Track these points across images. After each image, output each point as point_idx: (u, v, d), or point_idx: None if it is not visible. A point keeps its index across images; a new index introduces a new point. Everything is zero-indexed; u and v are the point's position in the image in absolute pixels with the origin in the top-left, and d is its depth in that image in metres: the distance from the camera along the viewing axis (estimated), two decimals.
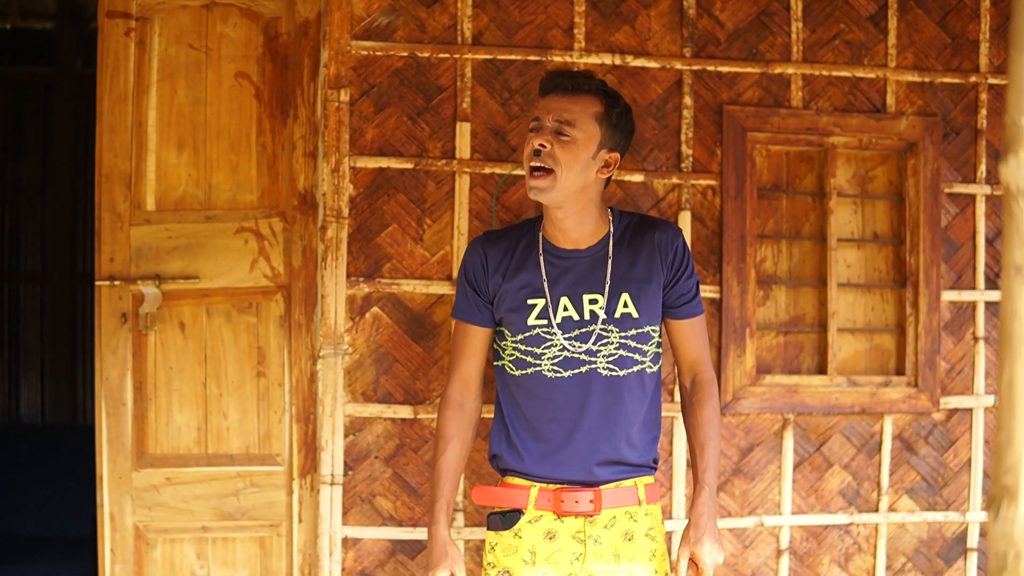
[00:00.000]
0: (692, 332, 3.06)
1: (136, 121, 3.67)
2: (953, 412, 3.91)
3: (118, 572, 3.67)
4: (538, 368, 2.94)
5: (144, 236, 3.67)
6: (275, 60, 3.70)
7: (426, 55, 3.59)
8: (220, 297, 3.69)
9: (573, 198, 2.91)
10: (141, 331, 3.66)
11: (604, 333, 2.93)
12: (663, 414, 3.67)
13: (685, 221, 3.71)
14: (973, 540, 3.92)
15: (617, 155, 2.95)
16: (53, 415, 7.93)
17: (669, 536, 3.69)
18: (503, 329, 3.02)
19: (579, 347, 2.92)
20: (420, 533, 3.56)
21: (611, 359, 2.93)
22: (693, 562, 2.93)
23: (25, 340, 8.02)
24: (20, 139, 7.88)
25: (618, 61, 3.69)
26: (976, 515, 3.92)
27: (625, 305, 2.94)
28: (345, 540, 3.55)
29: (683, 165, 3.73)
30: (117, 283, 3.65)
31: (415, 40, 3.59)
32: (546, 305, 2.94)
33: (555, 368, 2.93)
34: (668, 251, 2.98)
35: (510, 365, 3.00)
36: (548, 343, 2.93)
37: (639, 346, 2.95)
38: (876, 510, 3.85)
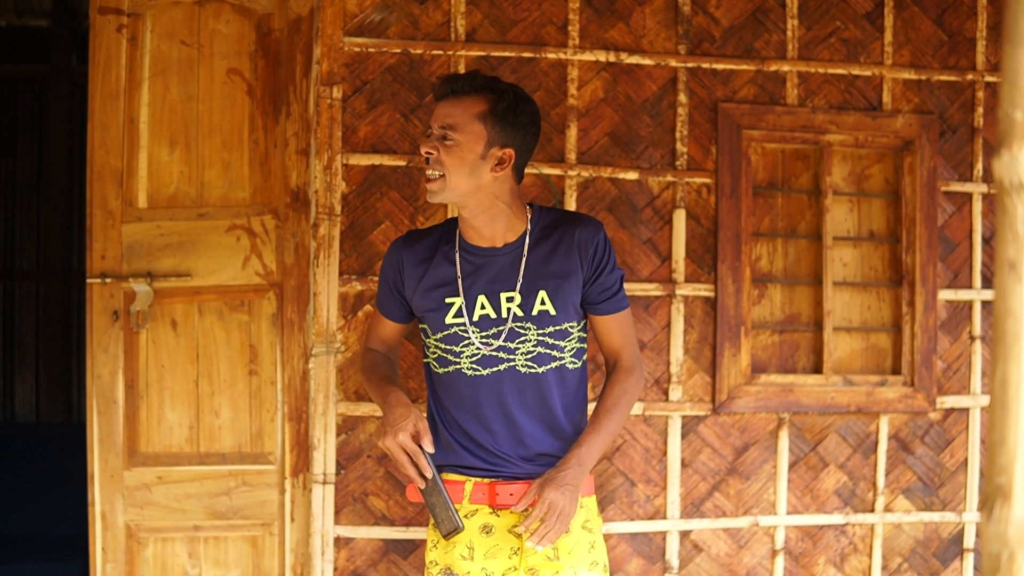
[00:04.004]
0: (615, 326, 2.99)
1: (128, 118, 3.65)
2: (949, 412, 3.89)
3: (109, 571, 3.65)
4: (458, 366, 2.92)
5: (136, 233, 3.65)
6: (267, 57, 3.68)
7: (419, 52, 3.57)
8: (212, 295, 3.66)
9: (474, 198, 2.86)
10: (133, 329, 3.64)
11: (521, 331, 2.89)
12: (656, 413, 3.67)
13: (680, 219, 3.69)
14: (969, 540, 3.91)
15: (511, 150, 2.85)
16: (48, 413, 7.90)
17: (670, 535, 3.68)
18: (425, 327, 3.00)
19: (496, 345, 2.90)
20: (412, 532, 3.54)
21: (529, 356, 2.89)
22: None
23: (20, 338, 8.00)
24: (15, 137, 7.86)
25: (612, 58, 3.67)
26: (973, 515, 3.90)
27: (542, 303, 2.90)
28: (337, 539, 3.53)
29: (678, 163, 3.71)
30: (109, 281, 3.62)
31: (408, 37, 3.57)
32: (463, 304, 2.92)
33: (474, 366, 2.91)
34: (588, 247, 2.91)
35: (434, 363, 2.99)
36: (466, 341, 2.91)
37: (557, 343, 2.91)
38: (872, 510, 3.83)
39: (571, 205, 3.61)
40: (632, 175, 3.67)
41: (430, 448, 2.81)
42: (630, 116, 3.68)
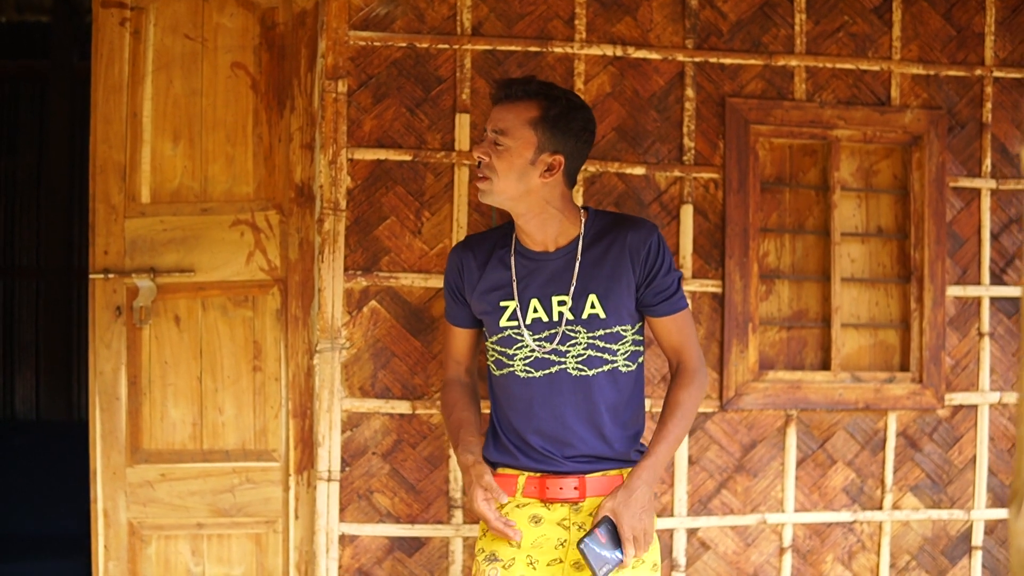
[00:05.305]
0: (674, 327, 3.03)
1: (131, 112, 3.63)
2: (958, 409, 3.86)
3: (112, 569, 3.62)
4: (511, 368, 2.98)
5: (139, 228, 3.62)
6: (272, 50, 3.65)
7: (425, 46, 3.54)
8: (216, 291, 3.64)
9: (523, 202, 2.93)
10: (136, 325, 3.61)
11: (571, 334, 2.94)
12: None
13: (687, 214, 3.67)
14: (978, 538, 3.88)
15: (560, 157, 2.91)
16: (48, 411, 7.87)
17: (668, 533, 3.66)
18: (485, 330, 3.08)
19: (549, 348, 2.94)
20: (418, 530, 3.51)
21: (580, 359, 2.94)
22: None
23: (20, 336, 7.96)
24: (15, 134, 7.82)
25: (619, 52, 3.64)
26: (981, 513, 3.87)
27: (592, 306, 2.94)
28: (342, 537, 3.50)
29: (685, 158, 3.68)
30: (111, 276, 3.60)
31: (414, 30, 3.55)
32: (517, 307, 2.97)
33: (527, 368, 2.96)
34: (640, 250, 2.95)
35: (493, 365, 3.06)
36: (519, 344, 2.97)
37: (608, 346, 2.95)
38: (880, 508, 3.80)
39: (577, 200, 3.58)
40: (639, 170, 3.65)
41: (504, 499, 2.89)
42: (637, 111, 3.66)
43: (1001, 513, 3.90)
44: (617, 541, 2.83)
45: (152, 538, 3.64)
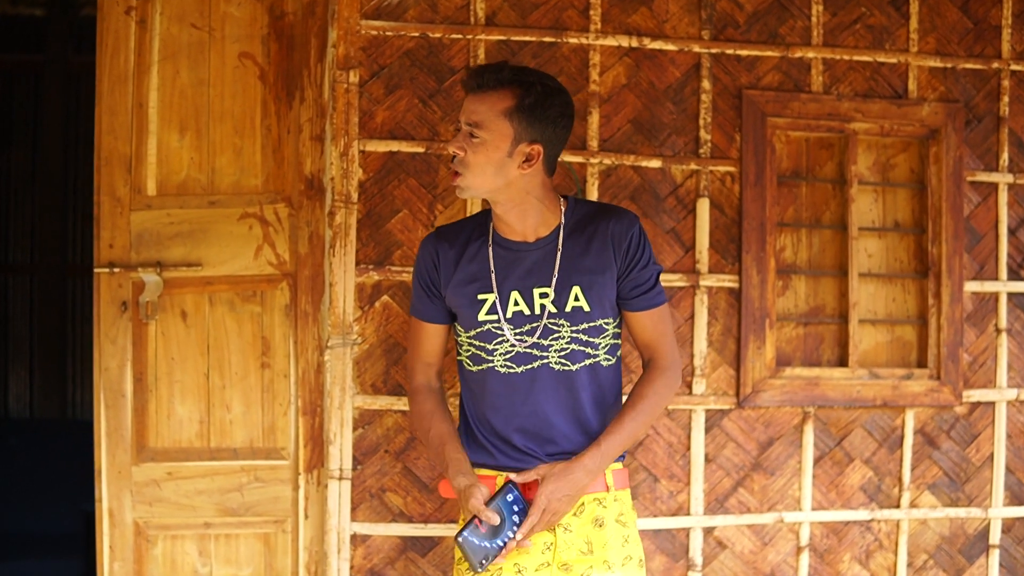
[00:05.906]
0: (649, 323, 2.92)
1: (137, 103, 3.56)
2: (976, 406, 3.82)
3: (117, 570, 3.55)
4: (491, 364, 2.87)
5: (145, 222, 3.55)
6: (281, 40, 3.58)
7: (438, 36, 3.48)
8: (223, 285, 3.57)
9: (503, 193, 2.82)
10: (141, 320, 3.54)
11: (554, 327, 2.84)
12: (679, 407, 3.59)
13: (703, 208, 3.61)
14: (995, 537, 3.84)
15: (539, 147, 2.79)
16: (42, 410, 7.79)
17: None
18: (458, 325, 2.95)
19: (530, 342, 2.84)
20: (431, 530, 3.45)
21: (562, 353, 2.84)
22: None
23: (14, 333, 7.89)
24: (10, 128, 7.74)
25: (635, 43, 3.58)
26: (998, 511, 3.83)
27: (576, 298, 2.84)
28: (354, 537, 3.44)
29: (701, 151, 3.63)
30: (117, 270, 3.53)
31: (427, 20, 3.48)
32: (496, 300, 2.86)
33: (507, 364, 2.85)
34: (622, 241, 2.86)
35: (467, 361, 2.93)
36: (499, 339, 2.86)
37: (591, 340, 2.85)
38: (898, 506, 3.76)
39: (593, 194, 3.52)
40: (655, 163, 3.59)
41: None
42: (653, 103, 3.60)
43: (1019, 511, 3.86)
44: (511, 519, 2.72)
45: (158, 538, 3.57)
